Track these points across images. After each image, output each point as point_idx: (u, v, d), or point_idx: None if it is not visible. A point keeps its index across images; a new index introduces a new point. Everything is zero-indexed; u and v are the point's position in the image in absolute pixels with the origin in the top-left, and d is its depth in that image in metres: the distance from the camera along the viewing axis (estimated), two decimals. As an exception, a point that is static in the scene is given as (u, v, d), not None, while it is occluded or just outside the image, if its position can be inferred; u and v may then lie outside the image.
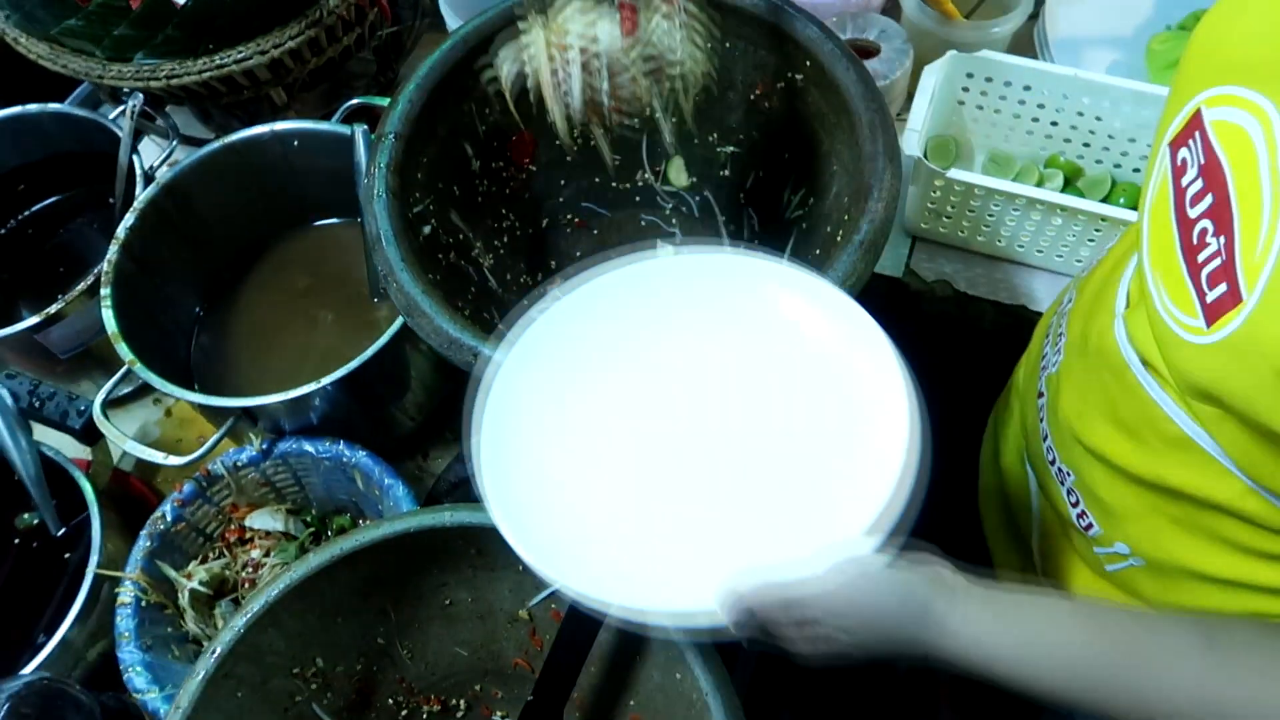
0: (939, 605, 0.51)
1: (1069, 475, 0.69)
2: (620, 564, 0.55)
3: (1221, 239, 0.47)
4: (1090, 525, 0.68)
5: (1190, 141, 0.51)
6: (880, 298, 1.03)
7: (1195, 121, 0.50)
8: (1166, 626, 0.52)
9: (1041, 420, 0.73)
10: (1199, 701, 0.49)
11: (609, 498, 0.60)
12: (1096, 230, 0.92)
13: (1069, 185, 1.00)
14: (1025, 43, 1.09)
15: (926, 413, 0.56)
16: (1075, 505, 0.69)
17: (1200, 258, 0.48)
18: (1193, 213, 0.50)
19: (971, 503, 0.92)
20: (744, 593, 0.51)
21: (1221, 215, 0.47)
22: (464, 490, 0.89)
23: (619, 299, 0.64)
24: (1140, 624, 0.53)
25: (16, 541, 0.90)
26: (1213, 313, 0.47)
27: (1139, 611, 0.56)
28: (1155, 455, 0.58)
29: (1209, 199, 0.48)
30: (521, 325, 0.63)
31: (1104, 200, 0.97)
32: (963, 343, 1.04)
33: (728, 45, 0.82)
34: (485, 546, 0.70)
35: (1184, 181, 0.51)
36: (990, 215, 0.96)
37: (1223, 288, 0.46)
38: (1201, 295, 0.48)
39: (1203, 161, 0.49)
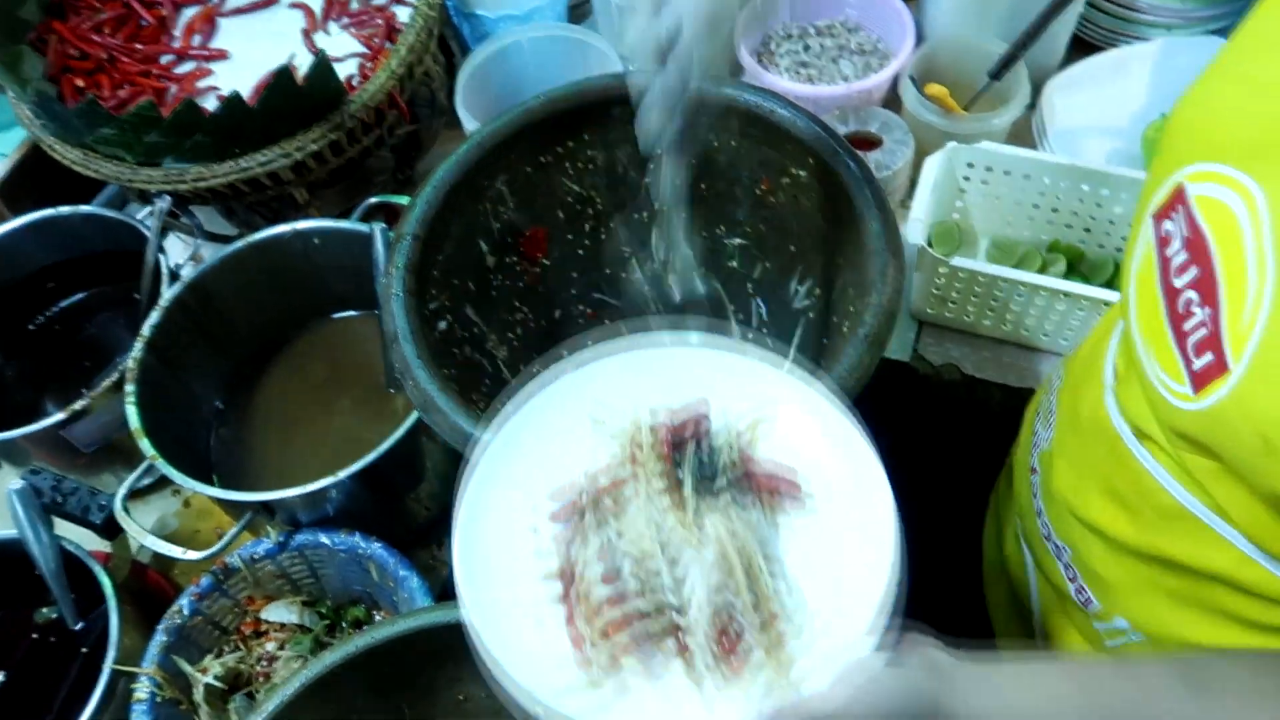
0: (943, 699, 0.53)
1: (1065, 550, 0.69)
2: (636, 716, 0.52)
3: (1207, 310, 0.48)
4: (1089, 600, 0.68)
5: (1173, 214, 0.52)
6: (888, 382, 1.04)
7: (1178, 195, 0.52)
8: (1151, 675, 0.53)
9: (1035, 497, 0.73)
10: None
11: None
12: (1101, 314, 0.93)
13: (1072, 269, 1.02)
14: (1024, 132, 1.12)
15: (901, 508, 0.56)
16: (1073, 580, 0.69)
17: (1186, 326, 0.50)
18: (1178, 283, 0.51)
19: (976, 581, 0.92)
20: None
21: (1207, 287, 0.48)
22: (478, 580, 0.89)
23: (614, 387, 0.61)
24: (1127, 677, 0.54)
25: (34, 635, 0.91)
26: (1200, 380, 0.48)
27: (1121, 663, 0.58)
28: (1151, 527, 0.59)
29: (1194, 271, 0.50)
30: (512, 406, 0.60)
31: (1107, 283, 0.99)
32: (971, 426, 1.05)
33: (733, 143, 0.85)
34: (499, 641, 0.70)
35: (1169, 252, 0.52)
36: (995, 300, 0.98)
37: (1209, 357, 0.48)
38: (1188, 363, 0.50)
39: (1187, 235, 0.51)
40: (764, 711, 0.51)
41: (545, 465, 0.59)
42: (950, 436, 1.08)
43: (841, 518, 0.57)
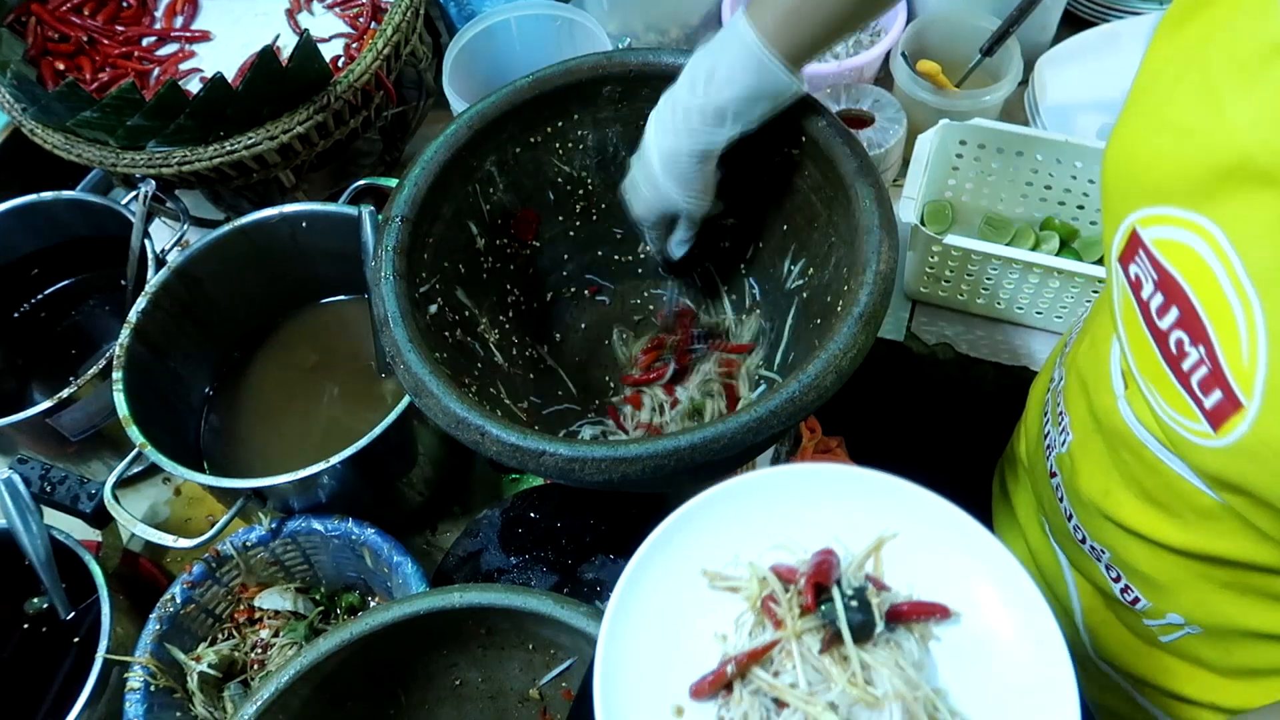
0: None
1: (1104, 552, 0.68)
2: None
3: (1201, 348, 0.47)
4: (1137, 599, 0.67)
5: (1137, 258, 0.51)
6: (882, 362, 1.04)
7: (1135, 240, 0.51)
8: None
9: (1061, 500, 0.72)
10: None
11: None
12: (1094, 291, 0.93)
13: (1065, 247, 1.01)
14: (1016, 109, 1.12)
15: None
16: (1117, 581, 0.68)
17: (1185, 366, 0.49)
18: (1163, 324, 0.50)
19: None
20: None
21: (1193, 326, 0.47)
22: (473, 564, 0.89)
23: (711, 532, 0.56)
24: None
25: (25, 626, 0.90)
26: (1216, 418, 0.47)
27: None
28: (1190, 527, 0.58)
29: (1175, 311, 0.49)
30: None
31: (1100, 261, 0.99)
32: (966, 405, 1.04)
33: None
34: (495, 626, 0.70)
35: (1144, 295, 0.51)
36: (988, 278, 0.97)
37: (1218, 394, 0.47)
38: (1199, 402, 0.48)
39: (1156, 277, 0.50)
40: None
41: (668, 635, 0.54)
42: (945, 416, 1.08)
43: (993, 627, 0.52)
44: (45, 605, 0.89)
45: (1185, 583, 0.62)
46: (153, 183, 0.97)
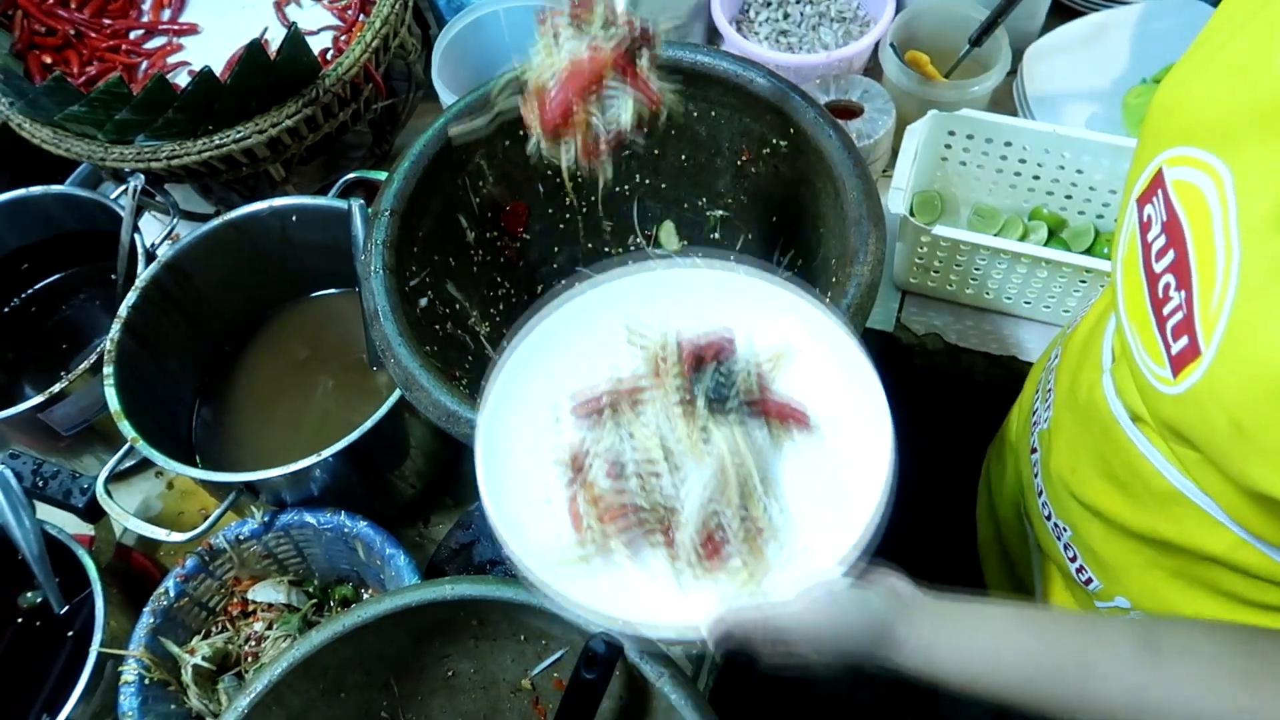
0: (897, 624, 0.55)
1: (1065, 530, 0.69)
2: (617, 588, 0.59)
3: (1183, 293, 0.48)
4: (1090, 580, 0.68)
5: (1154, 199, 0.52)
6: (872, 352, 1.05)
7: (1158, 180, 0.52)
8: (1108, 632, 0.55)
9: (1036, 476, 0.73)
10: (1136, 705, 0.51)
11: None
12: (1082, 281, 0.94)
13: (1053, 237, 1.02)
14: (1005, 99, 1.12)
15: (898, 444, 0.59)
16: (1073, 560, 0.69)
17: (1165, 310, 0.50)
18: (1158, 267, 0.51)
19: (971, 556, 0.93)
20: (725, 617, 0.55)
21: (1182, 271, 0.49)
22: (465, 556, 0.90)
23: (650, 301, 0.65)
24: (1083, 630, 0.55)
25: (19, 620, 0.90)
26: (1178, 364, 0.49)
27: (1082, 615, 0.59)
28: (1148, 509, 0.59)
29: (1171, 255, 0.50)
30: (551, 304, 0.64)
31: (1088, 250, 0.99)
32: (955, 395, 1.05)
33: (713, 114, 0.85)
34: (487, 617, 0.71)
35: (1149, 237, 0.53)
36: (977, 268, 0.98)
37: (1184, 340, 0.48)
38: (1168, 347, 0.50)
39: (1165, 219, 0.51)
40: (731, 604, 0.56)
41: (576, 363, 0.64)
42: (935, 406, 1.08)
43: (844, 454, 0.61)
44: (39, 600, 0.90)
45: (1135, 567, 0.63)
46: (142, 177, 0.97)
